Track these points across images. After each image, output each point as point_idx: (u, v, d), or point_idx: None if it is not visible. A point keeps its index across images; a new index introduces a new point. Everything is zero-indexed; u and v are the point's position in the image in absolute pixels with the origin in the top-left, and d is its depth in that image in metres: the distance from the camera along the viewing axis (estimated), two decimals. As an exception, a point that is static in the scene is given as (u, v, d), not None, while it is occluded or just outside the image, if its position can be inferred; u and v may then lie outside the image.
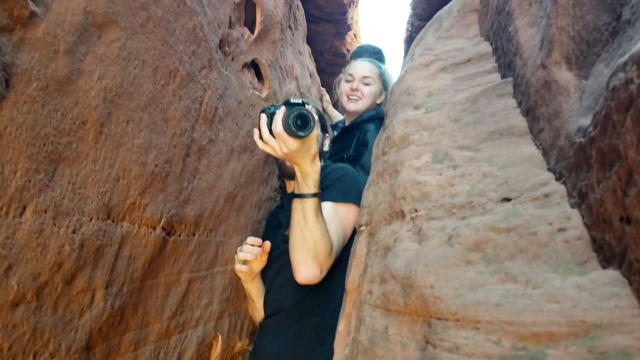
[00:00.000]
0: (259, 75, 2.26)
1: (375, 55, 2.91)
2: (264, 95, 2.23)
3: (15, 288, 0.84)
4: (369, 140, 2.32)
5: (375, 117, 2.44)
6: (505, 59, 1.36)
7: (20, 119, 0.83)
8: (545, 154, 0.97)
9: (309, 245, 1.59)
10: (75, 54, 0.96)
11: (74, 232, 0.98)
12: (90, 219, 1.04)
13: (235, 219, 1.95)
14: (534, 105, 1.05)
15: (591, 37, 0.90)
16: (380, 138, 1.57)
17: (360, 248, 1.16)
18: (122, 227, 1.16)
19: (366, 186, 1.35)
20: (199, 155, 1.55)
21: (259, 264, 1.89)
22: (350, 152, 2.38)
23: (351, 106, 2.55)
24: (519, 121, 1.09)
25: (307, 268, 1.60)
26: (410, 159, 1.11)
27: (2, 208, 0.81)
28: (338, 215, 1.73)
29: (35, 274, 0.89)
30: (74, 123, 0.97)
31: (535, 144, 1.02)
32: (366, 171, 2.15)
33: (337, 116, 3.34)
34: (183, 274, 1.53)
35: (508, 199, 0.88)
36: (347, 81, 2.56)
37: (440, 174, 1.02)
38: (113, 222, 1.12)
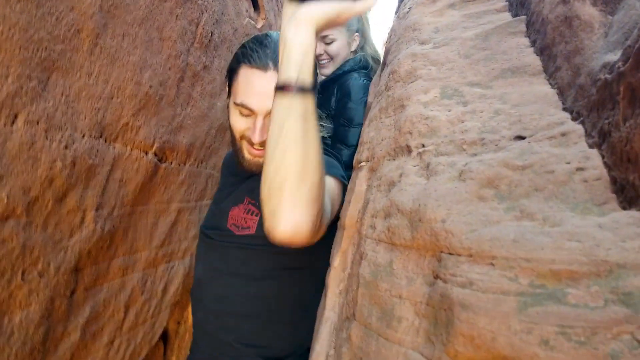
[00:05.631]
0: (254, 5, 2.17)
1: None
2: (259, 25, 2.15)
3: (5, 201, 0.80)
4: (351, 89, 2.12)
5: (355, 68, 2.22)
6: (519, -3, 1.31)
7: (13, 19, 0.77)
8: (561, 93, 0.93)
9: (309, 167, 0.85)
10: (71, -45, 0.88)
11: (66, 147, 0.93)
12: (83, 136, 0.99)
13: (226, 151, 1.90)
14: (551, 43, 1.01)
15: (621, -28, 0.85)
16: (382, 75, 1.52)
17: (359, 184, 1.12)
18: (114, 148, 1.11)
19: (366, 122, 1.30)
20: (193, 82, 1.49)
21: None
22: (331, 105, 2.19)
23: (325, 71, 2.26)
24: (532, 60, 1.05)
25: (301, 207, 0.84)
26: (418, 93, 1.07)
27: (-9, 114, 0.76)
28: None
29: (25, 188, 0.85)
30: (68, 30, 0.90)
31: (550, 84, 0.99)
32: (353, 124, 2.02)
33: None
34: (173, 203, 1.50)
35: (522, 137, 0.85)
36: None
37: (450, 110, 0.98)
38: (106, 141, 1.07)
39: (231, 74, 1.21)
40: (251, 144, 1.19)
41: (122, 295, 1.27)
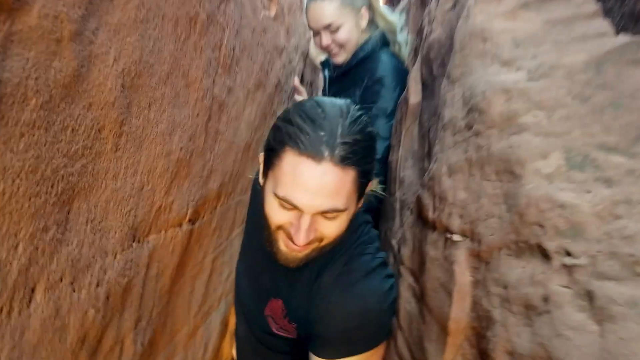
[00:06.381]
0: (266, -11, 1.87)
1: None
2: (272, 13, 1.87)
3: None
4: (383, 74, 1.82)
5: (377, 49, 1.91)
6: (623, 4, 1.05)
7: (16, 166, 0.53)
8: None
9: None
10: (84, 34, 0.63)
11: (97, 285, 0.71)
12: (115, 256, 0.76)
13: (251, 168, 1.67)
14: None
15: None
16: (445, 92, 1.23)
17: (460, 273, 0.90)
18: (148, 243, 0.88)
19: (444, 169, 1.04)
20: (220, 114, 1.24)
21: None
22: (358, 93, 1.88)
23: (338, 59, 1.95)
24: (678, 111, 0.81)
25: None
26: (533, 157, 0.81)
27: (1, 309, 0.53)
28: None
29: (56, 372, 0.63)
30: (88, 136, 0.66)
31: None
32: (387, 113, 1.75)
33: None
34: (207, 257, 1.29)
35: None
36: (315, 34, 1.91)
37: (589, 192, 0.73)
38: (139, 242, 0.85)
39: (271, 154, 0.90)
40: (291, 239, 0.91)
41: (165, 393, 1.08)
